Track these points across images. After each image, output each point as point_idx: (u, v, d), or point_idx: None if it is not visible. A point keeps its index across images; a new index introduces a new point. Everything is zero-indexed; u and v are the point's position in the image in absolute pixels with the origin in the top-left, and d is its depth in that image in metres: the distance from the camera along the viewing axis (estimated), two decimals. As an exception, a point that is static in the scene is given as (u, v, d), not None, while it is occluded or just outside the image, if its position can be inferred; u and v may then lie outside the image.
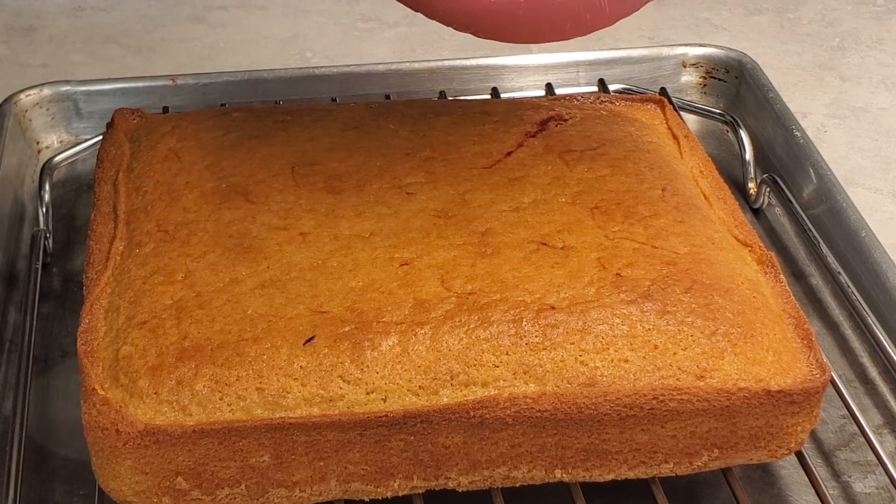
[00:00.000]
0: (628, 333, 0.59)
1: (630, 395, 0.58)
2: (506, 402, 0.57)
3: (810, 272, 0.81)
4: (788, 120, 0.87)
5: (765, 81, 0.91)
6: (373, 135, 0.71)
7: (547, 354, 0.59)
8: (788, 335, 0.62)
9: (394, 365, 0.58)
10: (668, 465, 0.61)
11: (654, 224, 0.66)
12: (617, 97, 0.80)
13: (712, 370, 0.59)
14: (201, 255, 0.62)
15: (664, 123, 0.77)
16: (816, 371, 0.60)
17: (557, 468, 0.60)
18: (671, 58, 0.96)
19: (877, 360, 0.74)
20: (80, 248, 0.79)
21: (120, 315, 0.60)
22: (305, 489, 0.59)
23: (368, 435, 0.58)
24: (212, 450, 0.57)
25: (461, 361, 0.58)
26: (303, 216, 0.65)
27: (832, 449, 0.68)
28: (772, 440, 0.60)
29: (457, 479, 0.60)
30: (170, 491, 0.58)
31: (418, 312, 0.59)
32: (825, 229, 0.80)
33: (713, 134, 0.93)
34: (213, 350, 0.58)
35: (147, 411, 0.57)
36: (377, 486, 0.59)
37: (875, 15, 1.14)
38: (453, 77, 0.93)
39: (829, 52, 1.08)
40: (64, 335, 0.74)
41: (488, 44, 0.98)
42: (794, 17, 1.13)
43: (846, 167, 0.92)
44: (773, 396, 0.59)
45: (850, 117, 0.98)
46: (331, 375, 0.57)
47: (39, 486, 0.64)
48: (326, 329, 0.58)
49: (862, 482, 0.66)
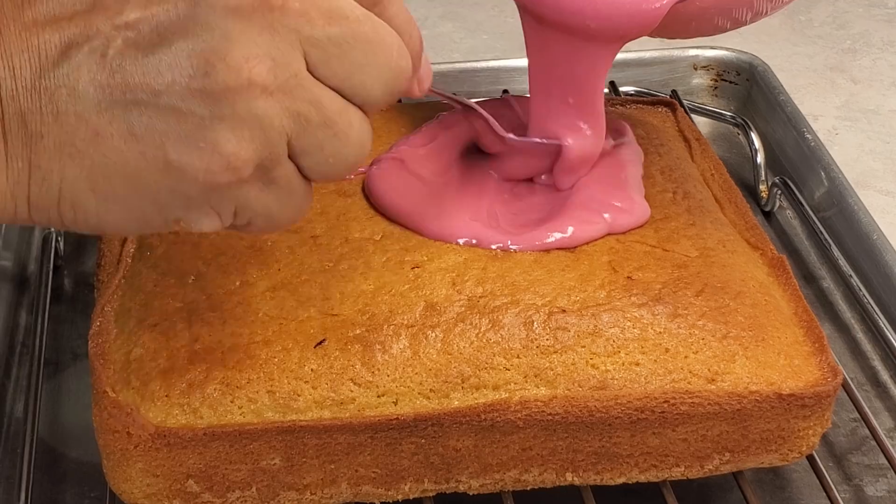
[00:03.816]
0: (639, 337, 0.59)
1: (641, 399, 0.58)
2: (517, 406, 0.57)
3: (821, 275, 0.81)
4: (799, 122, 0.87)
5: (776, 84, 0.91)
6: (383, 139, 0.71)
7: (558, 358, 0.59)
8: (800, 338, 0.62)
9: (405, 368, 0.58)
10: (679, 468, 0.60)
11: (665, 227, 0.65)
12: (628, 100, 0.80)
13: (723, 373, 0.59)
14: (212, 257, 0.62)
15: (675, 126, 0.77)
16: (828, 374, 0.60)
17: (568, 471, 0.60)
18: (682, 60, 0.96)
19: (888, 364, 0.74)
20: (92, 250, 0.79)
21: (131, 318, 0.61)
22: (316, 492, 0.59)
23: (379, 438, 0.58)
24: (222, 452, 0.57)
25: (472, 364, 0.58)
26: (314, 219, 0.65)
27: (844, 452, 0.68)
28: (783, 444, 0.60)
29: (468, 482, 0.60)
30: (181, 493, 0.58)
31: (429, 315, 0.59)
32: (836, 232, 0.80)
33: (724, 136, 0.93)
34: (224, 353, 0.58)
35: (158, 414, 0.57)
36: (388, 489, 0.59)
37: (887, 17, 1.14)
38: (464, 80, 0.93)
39: (841, 55, 1.08)
40: (75, 337, 0.74)
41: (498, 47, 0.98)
42: (805, 19, 1.13)
43: (857, 170, 0.92)
44: (784, 400, 0.58)
45: (861, 120, 0.98)
46: (342, 378, 0.57)
47: (51, 489, 0.65)
48: (337, 332, 0.58)
49: (874, 486, 0.66)
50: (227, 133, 0.45)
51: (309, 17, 0.45)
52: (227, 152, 0.45)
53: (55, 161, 0.44)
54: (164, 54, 0.44)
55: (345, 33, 0.46)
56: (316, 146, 0.47)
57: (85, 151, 0.44)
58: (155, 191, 0.46)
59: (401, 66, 0.48)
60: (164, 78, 0.44)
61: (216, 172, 0.45)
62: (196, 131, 0.44)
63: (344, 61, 0.46)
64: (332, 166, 0.48)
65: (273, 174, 0.47)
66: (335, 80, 0.47)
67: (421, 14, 1.12)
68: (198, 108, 0.44)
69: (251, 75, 0.44)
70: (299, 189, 0.48)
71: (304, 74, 0.46)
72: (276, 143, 0.46)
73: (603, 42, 0.63)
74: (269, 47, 0.44)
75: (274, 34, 0.45)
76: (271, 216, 0.48)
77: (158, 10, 0.44)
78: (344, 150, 0.48)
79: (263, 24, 0.44)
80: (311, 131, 0.46)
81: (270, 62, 0.44)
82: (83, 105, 0.44)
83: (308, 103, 0.46)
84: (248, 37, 0.44)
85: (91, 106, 0.44)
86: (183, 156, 0.45)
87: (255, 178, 0.46)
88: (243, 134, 0.45)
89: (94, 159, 0.44)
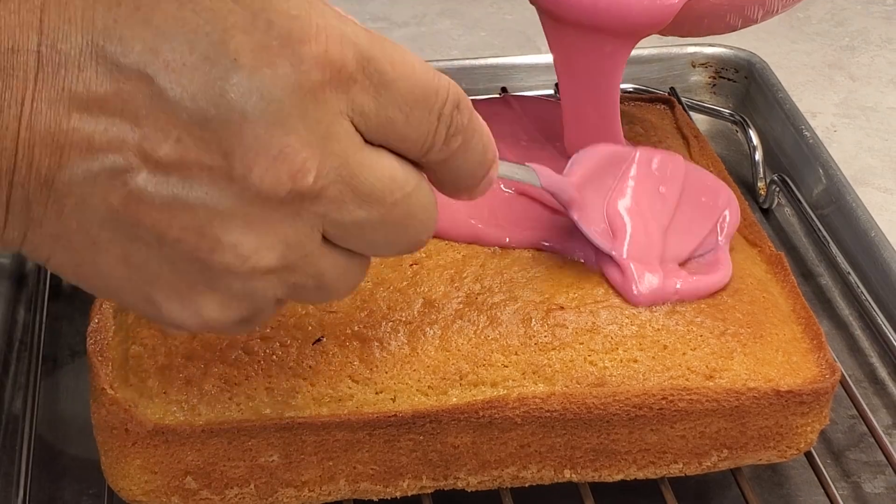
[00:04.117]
0: (637, 333, 0.59)
1: (639, 396, 0.58)
2: (515, 402, 0.57)
3: (819, 272, 0.81)
4: (798, 120, 0.87)
5: (774, 81, 0.91)
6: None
7: (556, 354, 0.59)
8: (798, 335, 0.62)
9: (403, 365, 0.58)
10: (677, 465, 0.60)
11: (663, 224, 0.65)
12: (626, 97, 0.80)
13: (721, 370, 0.59)
14: (210, 254, 0.62)
15: (674, 123, 0.77)
16: (826, 371, 0.60)
17: (567, 468, 0.60)
18: (681, 57, 0.95)
19: (886, 361, 0.74)
20: (90, 247, 0.79)
21: (129, 315, 0.61)
22: (314, 489, 0.59)
23: (377, 435, 0.58)
24: (221, 449, 0.57)
25: (470, 361, 0.58)
26: (312, 216, 0.65)
27: (842, 449, 0.68)
28: (781, 440, 0.60)
29: (466, 479, 0.60)
30: (179, 490, 0.58)
31: (427, 312, 0.59)
32: (834, 229, 0.80)
33: (722, 134, 0.93)
34: (222, 349, 0.58)
35: (156, 411, 0.57)
36: (386, 485, 0.59)
37: (885, 14, 1.14)
38: (463, 77, 0.92)
39: (839, 52, 1.08)
40: (73, 334, 0.74)
41: (497, 44, 0.98)
42: (803, 16, 1.13)
43: (856, 167, 0.92)
44: (782, 396, 0.58)
45: (859, 117, 0.98)
46: (340, 375, 0.57)
47: (49, 486, 0.65)
48: (335, 329, 0.58)
49: (872, 482, 0.66)
50: (213, 304, 0.44)
51: (341, 203, 0.43)
52: (207, 317, 0.45)
53: (47, 245, 0.43)
54: (182, 211, 0.42)
55: (372, 219, 0.44)
56: (305, 299, 0.47)
57: (78, 251, 0.43)
58: (132, 301, 0.45)
59: (420, 242, 0.47)
60: (174, 234, 0.42)
61: (192, 327, 0.45)
62: (186, 289, 0.44)
63: (362, 240, 0.45)
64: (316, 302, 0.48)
65: (253, 323, 0.47)
66: (346, 246, 0.45)
67: (419, 11, 1.12)
68: (195, 274, 0.43)
69: (256, 264, 0.43)
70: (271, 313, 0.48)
71: (314, 252, 0.44)
72: (263, 308, 0.46)
73: (616, 38, 0.63)
74: (287, 234, 0.43)
75: (296, 219, 0.43)
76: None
77: (194, 166, 0.42)
78: (329, 297, 0.47)
79: (290, 212, 0.43)
80: (303, 295, 0.46)
81: (283, 248, 0.43)
82: (89, 217, 0.42)
83: (309, 277, 0.45)
84: (269, 225, 0.43)
85: (96, 221, 0.42)
86: (165, 301, 0.44)
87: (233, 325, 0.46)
88: (230, 304, 0.44)
89: (85, 259, 0.44)
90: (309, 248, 0.44)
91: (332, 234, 0.44)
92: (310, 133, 0.42)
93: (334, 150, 0.43)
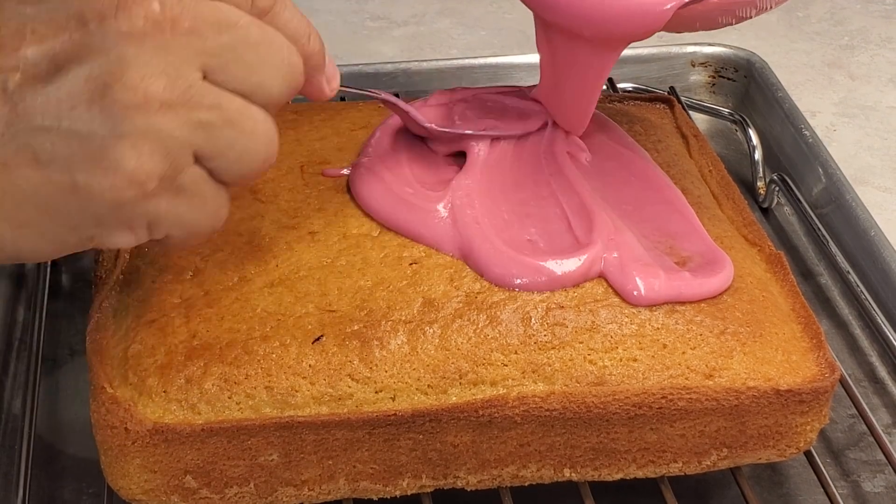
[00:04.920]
0: (637, 332, 0.59)
1: (639, 395, 0.58)
2: (514, 401, 0.57)
3: (819, 271, 0.81)
4: (797, 119, 0.87)
5: (773, 80, 0.91)
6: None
7: (556, 353, 0.59)
8: (797, 334, 0.62)
9: (402, 364, 0.58)
10: (676, 464, 0.60)
11: (662, 223, 0.65)
12: (626, 96, 0.80)
13: (721, 369, 0.59)
14: (210, 253, 0.62)
15: (673, 123, 0.77)
16: (825, 370, 0.60)
17: (566, 467, 0.60)
18: (680, 57, 0.96)
19: (886, 360, 0.74)
20: (89, 246, 0.79)
21: (129, 314, 0.61)
22: (314, 488, 0.59)
23: (377, 434, 0.58)
24: (220, 448, 0.57)
25: (470, 360, 0.58)
26: (312, 215, 0.65)
27: (841, 448, 0.68)
28: (781, 439, 0.60)
29: (465, 477, 0.60)
30: (178, 489, 0.58)
31: (427, 311, 0.59)
32: (834, 228, 0.80)
33: (722, 133, 0.93)
34: (222, 348, 0.58)
35: (156, 410, 0.57)
36: (386, 484, 0.59)
37: (884, 13, 1.14)
38: (462, 76, 0.93)
39: (838, 51, 1.08)
40: (73, 333, 0.74)
41: (496, 42, 0.98)
42: (802, 15, 1.13)
43: (855, 166, 0.92)
44: (782, 395, 0.58)
45: (859, 116, 0.98)
46: (340, 374, 0.57)
47: (48, 485, 0.65)
48: (335, 328, 0.58)
49: (871, 482, 0.66)
50: (128, 150, 0.46)
51: (199, 31, 0.47)
52: (129, 168, 0.46)
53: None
54: (63, 81, 0.46)
55: (235, 39, 0.48)
56: (224, 147, 0.49)
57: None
58: (66, 213, 0.47)
59: (293, 62, 0.51)
60: (64, 103, 0.45)
61: (121, 189, 0.47)
62: (98, 151, 0.46)
63: (239, 64, 0.48)
64: (244, 164, 0.49)
65: (180, 183, 0.48)
66: (234, 83, 0.48)
67: (419, 10, 1.12)
68: (98, 128, 0.46)
69: (147, 92, 0.46)
70: (212, 195, 0.50)
71: (200, 84, 0.47)
72: (179, 154, 0.47)
73: (606, 44, 0.63)
74: (164, 65, 0.46)
75: (167, 53, 0.46)
76: (186, 225, 0.50)
77: (54, 41, 0.46)
78: (252, 147, 0.49)
79: (156, 45, 0.46)
80: (216, 134, 0.48)
81: (165, 78, 0.46)
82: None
83: (207, 109, 0.48)
84: (143, 58, 0.46)
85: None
86: (88, 177, 0.46)
87: (163, 190, 0.48)
88: (144, 149, 0.46)
89: (4, 189, 0.46)
90: (192, 79, 0.47)
91: (210, 68, 0.48)
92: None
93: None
